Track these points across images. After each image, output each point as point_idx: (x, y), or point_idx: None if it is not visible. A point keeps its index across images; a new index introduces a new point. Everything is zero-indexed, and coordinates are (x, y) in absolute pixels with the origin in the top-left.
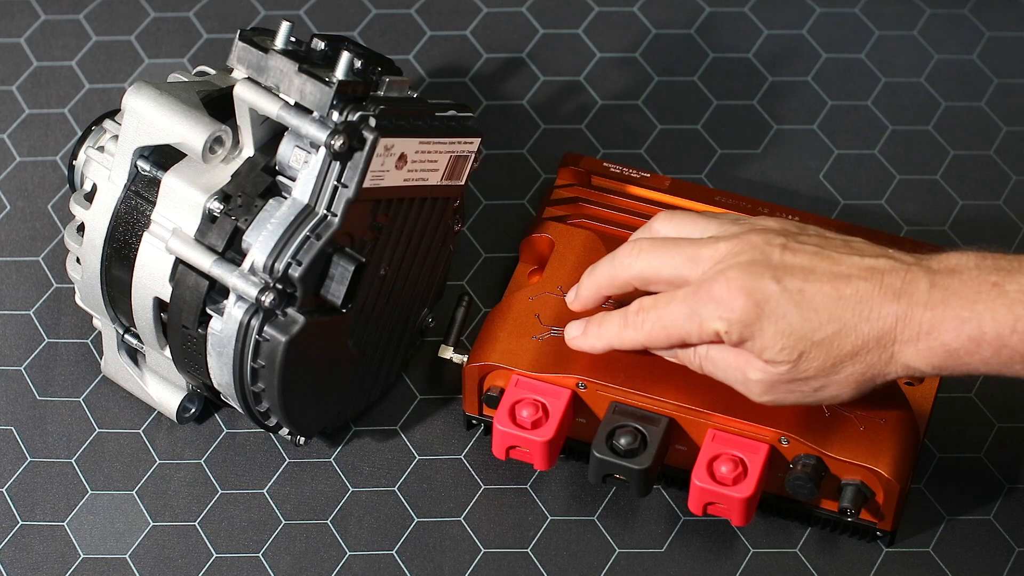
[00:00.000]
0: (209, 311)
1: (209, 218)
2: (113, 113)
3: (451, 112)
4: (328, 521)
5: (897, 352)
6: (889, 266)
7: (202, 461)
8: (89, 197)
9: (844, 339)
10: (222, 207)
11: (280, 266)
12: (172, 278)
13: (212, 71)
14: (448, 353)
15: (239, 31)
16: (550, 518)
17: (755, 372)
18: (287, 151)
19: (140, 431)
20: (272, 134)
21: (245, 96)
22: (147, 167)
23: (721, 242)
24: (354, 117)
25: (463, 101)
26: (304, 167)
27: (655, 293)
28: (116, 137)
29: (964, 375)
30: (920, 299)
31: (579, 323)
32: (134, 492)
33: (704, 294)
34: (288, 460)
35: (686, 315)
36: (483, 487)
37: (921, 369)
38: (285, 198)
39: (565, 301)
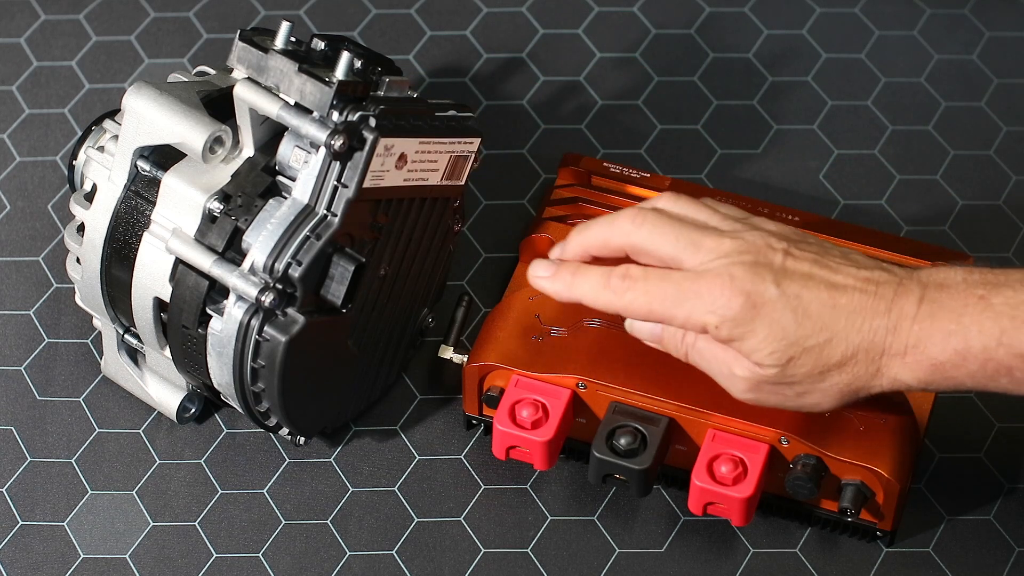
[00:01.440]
0: (209, 311)
1: (209, 218)
2: (113, 113)
3: (451, 112)
4: (328, 521)
5: (884, 365)
6: (884, 278)
7: (202, 461)
8: (89, 197)
9: (834, 348)
10: (222, 207)
11: (280, 266)
12: (172, 278)
13: (212, 71)
14: (448, 353)
15: (239, 31)
16: (550, 518)
17: (741, 369)
18: (287, 151)
19: (140, 431)
20: (272, 134)
21: (245, 96)
22: (147, 167)
23: (726, 237)
24: (354, 117)
25: (463, 101)
26: (304, 167)
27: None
28: (116, 137)
29: (951, 390)
30: (909, 312)
31: (548, 263)
32: (134, 492)
33: (703, 285)
34: (288, 460)
35: (676, 298)
36: (483, 487)
37: (908, 383)
38: (285, 198)
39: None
